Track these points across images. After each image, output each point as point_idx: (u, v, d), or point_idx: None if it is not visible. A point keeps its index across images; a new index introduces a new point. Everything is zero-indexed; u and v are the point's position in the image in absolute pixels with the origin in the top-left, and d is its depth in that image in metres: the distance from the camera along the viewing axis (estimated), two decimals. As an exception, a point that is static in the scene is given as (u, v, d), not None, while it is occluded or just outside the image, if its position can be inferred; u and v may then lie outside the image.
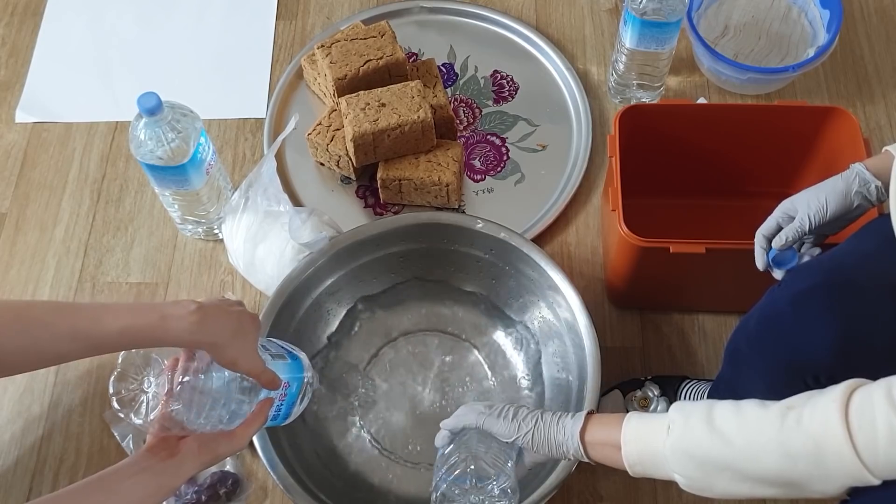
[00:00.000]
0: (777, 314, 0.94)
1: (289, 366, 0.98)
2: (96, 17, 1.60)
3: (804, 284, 0.92)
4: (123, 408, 0.87)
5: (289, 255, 1.21)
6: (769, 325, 0.95)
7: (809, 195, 0.99)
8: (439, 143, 1.36)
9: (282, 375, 0.96)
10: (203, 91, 1.51)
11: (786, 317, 0.92)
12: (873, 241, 0.95)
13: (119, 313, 0.85)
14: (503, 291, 1.26)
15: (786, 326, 0.92)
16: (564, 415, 0.93)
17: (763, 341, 0.96)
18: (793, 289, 0.93)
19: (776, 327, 0.94)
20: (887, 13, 1.56)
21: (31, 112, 1.51)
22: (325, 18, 1.58)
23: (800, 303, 0.91)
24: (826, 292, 0.89)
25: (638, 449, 0.86)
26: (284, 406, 0.99)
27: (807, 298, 0.90)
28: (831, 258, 0.94)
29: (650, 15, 1.28)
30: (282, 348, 1.01)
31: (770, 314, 0.95)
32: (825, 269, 0.92)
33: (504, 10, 1.56)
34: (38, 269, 1.37)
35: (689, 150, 1.29)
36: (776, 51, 1.49)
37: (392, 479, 1.19)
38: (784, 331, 0.93)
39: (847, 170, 0.98)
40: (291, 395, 0.99)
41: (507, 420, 0.94)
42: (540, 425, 0.93)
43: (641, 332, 1.30)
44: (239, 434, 0.93)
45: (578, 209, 1.39)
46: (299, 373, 1.00)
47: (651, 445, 0.85)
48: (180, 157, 1.19)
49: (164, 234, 1.39)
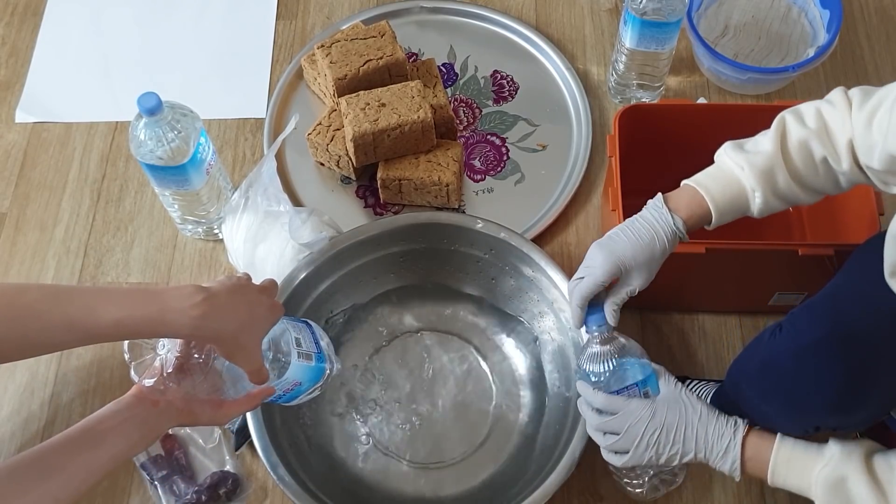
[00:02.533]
0: (779, 368, 0.94)
1: (310, 369, 0.97)
2: (96, 17, 1.60)
3: (807, 339, 0.91)
4: (142, 375, 0.86)
5: (289, 255, 1.21)
6: (771, 376, 0.95)
7: (642, 266, 0.97)
8: (439, 143, 1.36)
9: (296, 377, 0.95)
10: (203, 91, 1.51)
11: (788, 371, 0.92)
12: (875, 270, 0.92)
13: (117, 302, 0.81)
14: (503, 291, 1.26)
15: (788, 382, 0.92)
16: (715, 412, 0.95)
17: (764, 391, 0.96)
18: (797, 342, 0.92)
19: (779, 381, 0.94)
20: (887, 13, 1.56)
21: (31, 112, 1.51)
22: (325, 18, 1.58)
23: (802, 358, 0.91)
24: (828, 347, 0.89)
25: (786, 472, 0.90)
26: (287, 396, 0.98)
27: (810, 354, 0.90)
28: (835, 303, 0.93)
29: (650, 15, 1.28)
30: (314, 345, 0.98)
31: (772, 366, 0.95)
32: (829, 320, 0.91)
33: (504, 10, 1.56)
34: (38, 269, 1.37)
35: (688, 150, 1.28)
36: (776, 51, 1.49)
37: (392, 479, 1.19)
38: (786, 386, 0.93)
39: (664, 226, 0.97)
40: (299, 391, 0.98)
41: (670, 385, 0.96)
42: (699, 408, 0.94)
43: (641, 332, 1.30)
44: (225, 409, 0.92)
45: (578, 209, 1.39)
46: (316, 378, 0.99)
47: (804, 472, 0.90)
48: (180, 157, 1.19)
49: (164, 234, 1.39)
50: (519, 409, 1.23)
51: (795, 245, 1.11)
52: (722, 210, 0.97)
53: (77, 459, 0.84)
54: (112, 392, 1.26)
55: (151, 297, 0.82)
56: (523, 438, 1.21)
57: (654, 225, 0.97)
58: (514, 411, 1.23)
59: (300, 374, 0.96)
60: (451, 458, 1.20)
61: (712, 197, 0.97)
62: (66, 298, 0.81)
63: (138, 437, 0.88)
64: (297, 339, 0.95)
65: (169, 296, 0.82)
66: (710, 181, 0.98)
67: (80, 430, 0.85)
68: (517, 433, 1.21)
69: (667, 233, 0.97)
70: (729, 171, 0.97)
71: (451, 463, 1.20)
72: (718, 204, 0.97)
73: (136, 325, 0.81)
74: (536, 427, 1.20)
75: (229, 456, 1.20)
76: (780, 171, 0.95)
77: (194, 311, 0.82)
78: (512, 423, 1.22)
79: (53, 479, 0.82)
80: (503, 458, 1.20)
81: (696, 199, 0.98)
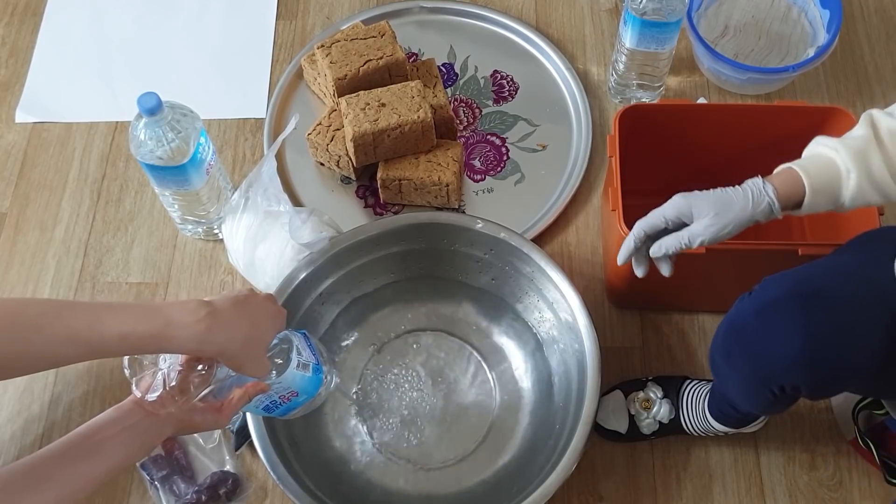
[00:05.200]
0: (742, 325, 0.94)
1: (307, 380, 0.96)
2: (96, 17, 1.60)
3: (770, 295, 0.91)
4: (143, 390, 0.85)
5: (289, 255, 1.21)
6: (735, 335, 0.95)
7: (713, 216, 0.96)
8: (439, 143, 1.36)
9: (294, 386, 0.94)
10: (203, 91, 1.51)
11: (750, 327, 0.92)
12: (853, 254, 0.95)
13: (121, 316, 0.80)
14: (503, 291, 1.26)
15: (750, 337, 0.93)
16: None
17: (729, 351, 0.96)
18: (760, 299, 0.92)
19: (741, 338, 0.94)
20: (887, 13, 1.56)
21: (31, 112, 1.51)
22: (325, 18, 1.58)
23: (764, 314, 0.91)
24: (792, 304, 0.89)
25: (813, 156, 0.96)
26: (284, 407, 0.98)
27: (772, 310, 0.90)
28: (803, 270, 0.93)
29: (650, 15, 1.28)
30: (313, 357, 0.98)
31: (736, 324, 0.95)
32: (794, 280, 0.91)
33: (504, 10, 1.56)
34: (38, 269, 1.37)
35: (688, 150, 1.29)
36: (776, 51, 1.49)
37: (392, 479, 1.19)
38: (748, 341, 0.93)
39: (753, 188, 0.97)
40: (296, 402, 0.98)
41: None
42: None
43: (641, 332, 1.30)
44: (224, 412, 0.91)
45: (578, 209, 1.39)
46: (313, 390, 0.98)
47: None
48: (180, 157, 1.19)
49: (164, 234, 1.39)
50: (519, 408, 1.23)
51: (795, 245, 1.11)
52: (816, 188, 0.95)
53: (74, 469, 0.83)
54: (112, 392, 1.26)
55: (155, 312, 0.81)
56: (523, 438, 1.21)
57: (744, 187, 0.97)
58: (514, 411, 1.23)
59: (297, 384, 0.95)
60: (451, 458, 1.20)
61: (808, 173, 0.95)
62: (69, 313, 0.80)
63: (137, 447, 0.87)
64: (298, 348, 0.95)
65: (173, 311, 0.81)
66: (805, 162, 0.98)
67: (78, 438, 0.84)
68: (517, 433, 1.21)
69: (755, 193, 0.96)
70: (823, 155, 0.96)
71: (451, 463, 1.20)
72: (813, 181, 0.95)
73: (140, 341, 0.80)
74: (536, 427, 1.20)
75: (229, 456, 1.20)
76: (875, 155, 0.94)
77: (199, 326, 0.81)
78: (511, 423, 1.22)
79: (50, 489, 0.81)
80: (503, 458, 1.20)
81: (790, 174, 0.97)
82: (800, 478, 1.19)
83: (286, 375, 0.93)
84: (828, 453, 1.21)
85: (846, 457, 1.21)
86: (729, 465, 1.20)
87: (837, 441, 1.22)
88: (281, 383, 0.94)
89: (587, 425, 1.07)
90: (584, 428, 1.07)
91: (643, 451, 1.22)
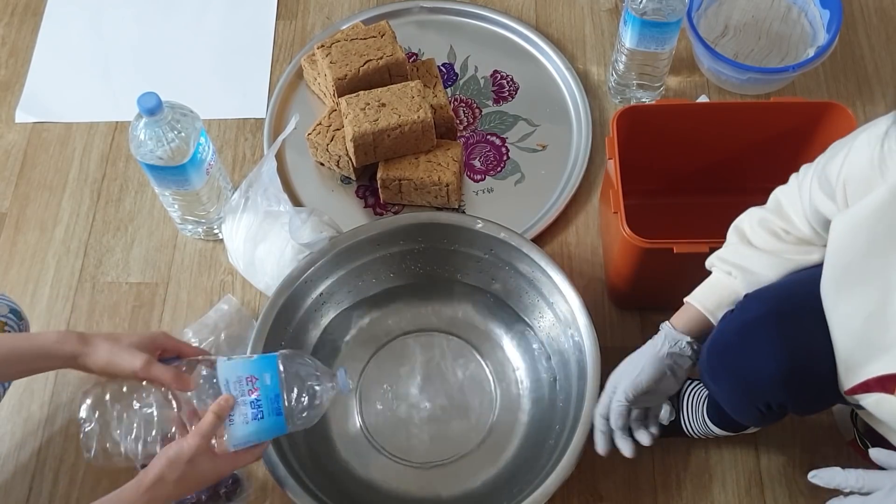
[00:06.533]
0: (725, 344, 0.95)
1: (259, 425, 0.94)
2: (96, 17, 1.60)
3: (751, 315, 0.92)
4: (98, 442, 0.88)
5: (289, 255, 1.21)
6: (718, 356, 0.96)
7: (626, 367, 1.04)
8: (439, 143, 1.36)
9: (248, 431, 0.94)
10: (203, 91, 1.51)
11: (733, 347, 0.93)
12: None
13: None
14: (503, 291, 1.26)
15: (732, 356, 0.94)
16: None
17: (715, 371, 0.98)
18: (741, 319, 0.94)
19: (724, 358, 0.95)
20: (887, 13, 1.56)
21: (31, 112, 1.51)
22: (325, 18, 1.58)
23: (746, 333, 0.92)
24: (772, 322, 0.90)
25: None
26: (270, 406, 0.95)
27: (753, 329, 0.91)
28: (784, 287, 0.94)
29: (650, 15, 1.28)
30: (274, 399, 0.94)
31: (719, 344, 0.96)
32: (775, 299, 0.92)
33: (504, 10, 1.56)
34: (38, 269, 1.37)
35: (686, 149, 1.29)
36: (776, 51, 1.49)
37: (392, 479, 1.19)
38: (731, 361, 0.94)
39: (657, 333, 1.03)
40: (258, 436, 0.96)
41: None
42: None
43: (641, 332, 1.30)
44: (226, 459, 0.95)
45: (578, 209, 1.39)
46: (269, 435, 0.96)
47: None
48: (180, 157, 1.19)
49: (164, 234, 1.39)
50: (519, 408, 1.23)
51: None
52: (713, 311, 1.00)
53: None
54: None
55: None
56: (523, 438, 1.21)
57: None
58: (514, 411, 1.23)
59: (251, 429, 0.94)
60: (451, 458, 1.20)
61: (701, 303, 1.01)
62: None
63: None
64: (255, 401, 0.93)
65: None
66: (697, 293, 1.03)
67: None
68: (517, 433, 1.21)
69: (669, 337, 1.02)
70: (712, 279, 1.02)
71: (451, 463, 1.20)
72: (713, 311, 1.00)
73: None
74: (536, 427, 1.20)
75: (229, 456, 1.20)
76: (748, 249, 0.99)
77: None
78: (512, 423, 1.22)
79: None
80: (503, 458, 1.20)
81: (687, 310, 1.02)
82: (799, 478, 1.19)
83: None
84: (827, 454, 1.21)
85: (846, 457, 1.20)
86: (729, 465, 1.20)
87: (837, 442, 1.22)
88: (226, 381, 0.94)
89: (587, 425, 1.07)
90: (583, 428, 1.07)
91: (643, 451, 1.21)
